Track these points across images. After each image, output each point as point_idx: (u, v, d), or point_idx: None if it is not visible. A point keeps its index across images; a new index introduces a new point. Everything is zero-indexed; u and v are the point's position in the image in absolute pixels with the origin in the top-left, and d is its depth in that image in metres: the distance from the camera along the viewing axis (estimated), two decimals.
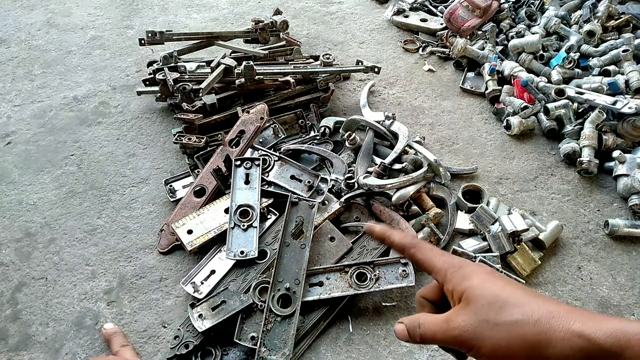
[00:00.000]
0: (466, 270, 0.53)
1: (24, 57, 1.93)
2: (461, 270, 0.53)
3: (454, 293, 0.52)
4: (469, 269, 0.53)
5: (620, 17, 1.80)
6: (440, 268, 0.55)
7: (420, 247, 0.58)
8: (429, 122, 1.63)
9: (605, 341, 0.43)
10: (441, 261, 0.55)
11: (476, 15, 1.88)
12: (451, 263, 0.54)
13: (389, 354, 1.06)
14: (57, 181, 1.44)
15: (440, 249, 0.59)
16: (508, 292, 0.49)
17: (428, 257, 0.56)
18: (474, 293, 0.50)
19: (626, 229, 1.27)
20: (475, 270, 0.53)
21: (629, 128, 1.43)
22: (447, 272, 0.54)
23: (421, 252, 0.57)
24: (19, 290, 1.19)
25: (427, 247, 0.58)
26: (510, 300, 0.48)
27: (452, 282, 0.53)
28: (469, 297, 0.50)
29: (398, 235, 0.60)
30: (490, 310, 0.48)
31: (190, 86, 1.49)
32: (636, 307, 1.15)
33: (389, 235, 0.61)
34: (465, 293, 0.51)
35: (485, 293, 0.50)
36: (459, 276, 0.52)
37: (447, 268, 0.54)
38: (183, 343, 1.03)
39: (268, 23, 1.82)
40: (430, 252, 0.57)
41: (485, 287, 0.50)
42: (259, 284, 1.10)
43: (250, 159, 1.29)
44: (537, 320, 0.46)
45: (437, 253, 0.57)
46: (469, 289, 0.51)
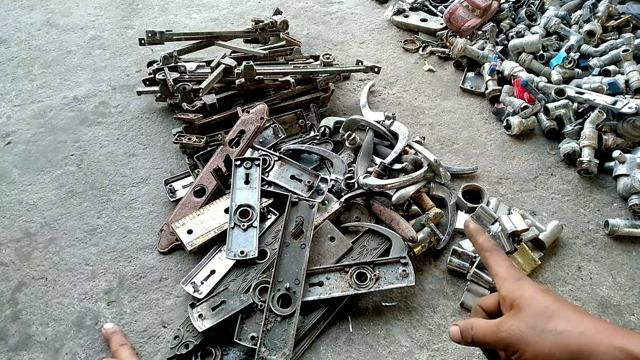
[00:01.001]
0: (523, 282, 0.58)
1: (24, 57, 1.93)
2: (519, 281, 0.59)
3: (507, 299, 0.57)
4: (526, 282, 0.59)
5: (620, 17, 1.81)
6: (502, 275, 0.60)
7: (495, 254, 0.64)
8: (429, 122, 1.63)
9: None
10: (505, 271, 0.61)
11: (476, 15, 1.89)
12: (512, 274, 0.60)
13: (389, 354, 1.06)
14: (57, 181, 1.44)
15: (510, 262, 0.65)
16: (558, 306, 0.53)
17: (497, 264, 0.63)
18: (526, 302, 0.55)
19: (626, 229, 1.27)
20: (531, 284, 0.58)
21: (629, 128, 1.43)
22: (506, 280, 0.59)
23: (493, 259, 0.64)
24: (19, 290, 1.19)
25: (500, 256, 0.64)
26: (559, 313, 0.52)
27: (508, 289, 0.58)
28: (521, 304, 0.55)
29: (483, 238, 0.67)
30: (538, 319, 0.53)
31: (190, 86, 1.49)
32: (636, 307, 1.15)
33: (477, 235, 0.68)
34: (517, 300, 0.56)
35: (536, 303, 0.54)
36: (516, 286, 0.58)
37: (507, 277, 0.60)
38: (183, 343, 1.03)
39: (268, 23, 1.82)
40: (500, 261, 0.63)
41: (537, 298, 0.55)
42: (259, 284, 1.10)
43: (250, 159, 1.29)
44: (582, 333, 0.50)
45: (506, 264, 0.63)
46: (522, 298, 0.56)
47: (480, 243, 0.66)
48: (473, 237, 0.68)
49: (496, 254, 0.64)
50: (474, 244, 0.68)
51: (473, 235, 0.68)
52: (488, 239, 0.67)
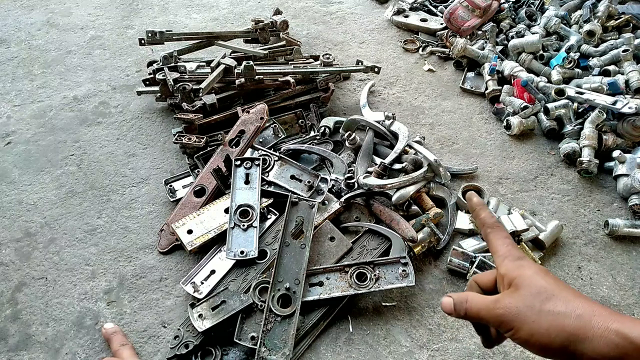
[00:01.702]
0: (523, 262, 0.58)
1: (24, 57, 1.93)
2: (519, 260, 0.58)
3: (505, 277, 0.57)
4: (526, 260, 0.58)
5: (620, 17, 1.81)
6: (502, 253, 0.60)
7: (497, 231, 0.63)
8: (429, 122, 1.63)
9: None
10: (506, 248, 0.60)
11: (476, 15, 1.89)
12: (513, 252, 0.59)
13: (389, 354, 1.06)
14: (57, 181, 1.44)
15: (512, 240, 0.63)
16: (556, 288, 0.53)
17: (497, 242, 0.62)
18: (525, 281, 0.54)
19: (626, 229, 1.27)
20: (531, 264, 0.57)
21: (629, 128, 1.43)
22: (506, 258, 0.59)
23: (494, 235, 0.63)
24: (19, 290, 1.19)
25: (502, 234, 0.63)
26: (558, 294, 0.52)
27: (507, 268, 0.57)
28: (519, 283, 0.55)
29: (485, 213, 0.66)
30: (536, 299, 0.52)
31: (190, 86, 1.49)
32: (636, 307, 1.15)
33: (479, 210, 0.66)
34: (516, 279, 0.55)
35: (535, 283, 0.54)
36: (515, 265, 0.57)
37: (508, 255, 0.59)
38: (183, 343, 1.03)
39: (268, 23, 1.82)
40: (501, 238, 0.62)
41: (536, 279, 0.54)
42: (259, 284, 1.10)
43: (250, 159, 1.29)
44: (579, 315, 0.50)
45: (507, 241, 0.61)
46: (521, 277, 0.55)
47: (483, 218, 0.65)
48: (476, 211, 0.67)
49: (498, 230, 0.63)
50: (475, 218, 0.67)
51: (476, 210, 0.67)
52: (491, 215, 0.65)
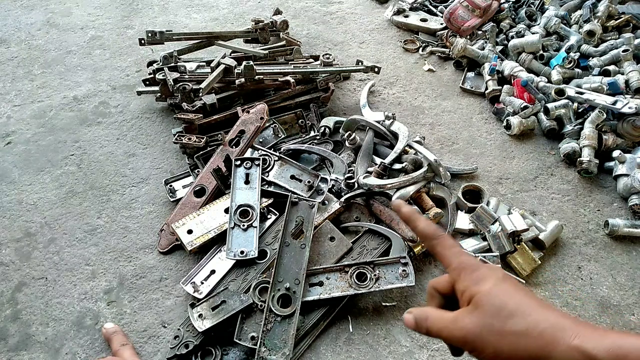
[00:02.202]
0: (479, 273, 0.54)
1: (24, 57, 1.93)
2: (474, 273, 0.54)
3: (464, 294, 0.54)
4: (482, 272, 0.54)
5: (620, 17, 1.81)
6: (455, 267, 0.56)
7: (442, 241, 0.58)
8: (429, 122, 1.63)
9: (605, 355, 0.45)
10: (458, 260, 0.56)
11: (476, 15, 1.88)
12: (467, 264, 0.56)
13: (389, 354, 1.06)
14: (57, 181, 1.44)
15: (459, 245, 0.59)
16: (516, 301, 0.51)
17: (446, 253, 0.57)
18: (483, 299, 0.52)
19: (626, 229, 1.27)
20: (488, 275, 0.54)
21: (629, 128, 1.43)
22: (461, 272, 0.55)
23: (441, 246, 0.58)
24: (19, 290, 1.19)
25: (448, 243, 0.58)
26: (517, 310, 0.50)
27: (464, 283, 0.54)
28: (478, 301, 0.52)
29: (423, 223, 0.60)
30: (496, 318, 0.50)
31: (190, 86, 1.49)
32: (636, 307, 1.15)
33: (415, 219, 0.61)
34: (475, 297, 0.52)
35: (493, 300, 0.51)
36: (472, 279, 0.54)
37: (462, 268, 0.55)
38: (183, 343, 1.03)
39: (268, 23, 1.82)
40: (449, 249, 0.58)
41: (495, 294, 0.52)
42: (259, 284, 1.10)
43: (250, 159, 1.29)
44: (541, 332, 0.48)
45: (456, 251, 0.57)
46: (479, 294, 0.52)
47: (422, 229, 0.59)
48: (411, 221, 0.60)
49: (443, 240, 0.58)
50: (413, 229, 0.61)
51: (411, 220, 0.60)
52: (429, 223, 0.60)
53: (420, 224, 0.60)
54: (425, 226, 0.60)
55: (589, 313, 1.14)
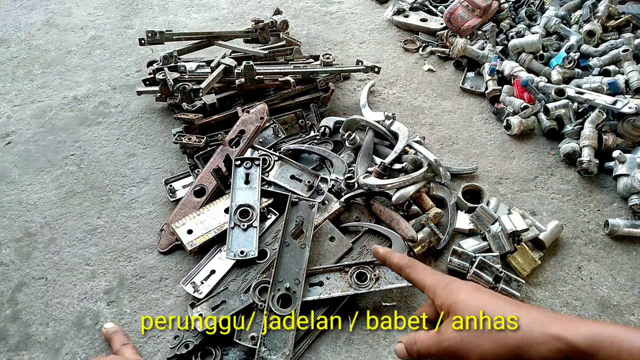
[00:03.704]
0: (453, 286, 0.58)
1: (24, 57, 1.93)
2: (448, 286, 0.59)
3: (443, 307, 0.57)
4: (456, 285, 0.59)
5: (620, 17, 1.81)
6: (430, 285, 0.61)
7: (414, 267, 0.65)
8: (429, 122, 1.63)
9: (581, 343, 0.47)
10: (431, 279, 0.61)
11: (476, 15, 1.89)
12: (440, 280, 0.60)
13: (389, 354, 1.06)
14: (57, 181, 1.44)
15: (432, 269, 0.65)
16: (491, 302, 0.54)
17: (420, 276, 0.63)
18: (460, 306, 0.55)
19: (626, 228, 1.27)
20: (462, 286, 0.58)
21: (629, 128, 1.43)
22: (436, 289, 0.60)
23: (415, 272, 0.64)
24: (19, 290, 1.19)
25: (421, 268, 0.64)
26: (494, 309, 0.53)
27: (441, 298, 0.58)
28: (456, 310, 0.55)
29: (397, 257, 0.68)
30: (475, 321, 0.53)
31: (190, 86, 1.49)
32: (636, 307, 1.15)
33: (389, 257, 0.69)
34: (452, 307, 0.56)
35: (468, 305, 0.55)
36: (447, 292, 0.58)
37: (437, 285, 0.60)
38: (183, 343, 1.03)
39: (268, 23, 1.82)
40: (422, 272, 0.63)
41: (470, 301, 0.55)
42: (259, 284, 1.10)
43: (250, 159, 1.29)
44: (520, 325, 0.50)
45: (428, 272, 0.63)
46: (455, 303, 0.56)
47: (397, 263, 0.67)
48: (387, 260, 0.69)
49: (415, 266, 0.65)
50: (390, 266, 0.69)
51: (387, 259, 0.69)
52: (402, 256, 0.68)
53: (394, 258, 0.68)
54: (400, 259, 0.67)
55: (589, 313, 1.14)
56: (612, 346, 0.45)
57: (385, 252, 0.70)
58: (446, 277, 0.61)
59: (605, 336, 0.46)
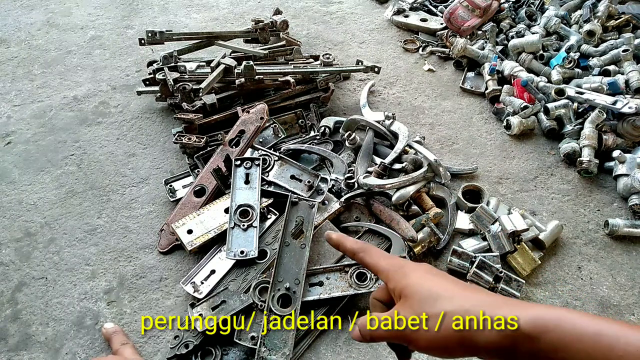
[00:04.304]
0: (405, 269, 0.58)
1: (24, 57, 1.93)
2: (401, 269, 0.58)
3: (395, 291, 0.57)
4: (408, 267, 0.58)
5: (620, 17, 1.81)
6: (383, 269, 0.60)
7: (368, 251, 0.63)
8: (429, 122, 1.63)
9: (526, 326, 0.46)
10: (385, 263, 0.60)
11: (476, 15, 1.88)
12: (393, 264, 0.59)
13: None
14: (57, 181, 1.44)
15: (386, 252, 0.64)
16: (441, 286, 0.54)
17: (374, 260, 0.62)
18: (411, 289, 0.54)
19: (626, 228, 1.27)
20: (414, 269, 0.58)
21: (629, 128, 1.43)
22: (389, 272, 0.59)
23: (369, 256, 0.63)
24: (19, 290, 1.19)
25: (374, 251, 0.63)
26: (443, 294, 0.52)
27: (394, 281, 0.57)
28: (407, 293, 0.55)
29: (350, 242, 0.66)
30: (424, 304, 0.52)
31: (190, 86, 1.49)
32: (636, 307, 1.15)
33: (342, 241, 0.67)
34: (403, 290, 0.55)
35: (420, 289, 0.54)
36: (399, 275, 0.57)
37: (389, 269, 0.59)
38: (183, 343, 1.03)
39: (268, 23, 1.82)
40: (376, 255, 0.62)
41: (421, 283, 0.55)
42: (259, 284, 1.10)
43: (250, 159, 1.29)
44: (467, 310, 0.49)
45: (382, 256, 0.62)
46: (407, 287, 0.55)
47: (350, 247, 0.66)
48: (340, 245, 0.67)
49: (368, 249, 0.64)
50: (343, 251, 0.67)
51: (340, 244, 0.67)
52: (355, 240, 0.66)
53: (347, 242, 0.66)
54: (353, 243, 0.66)
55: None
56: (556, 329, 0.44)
57: (338, 237, 0.68)
58: (400, 260, 0.61)
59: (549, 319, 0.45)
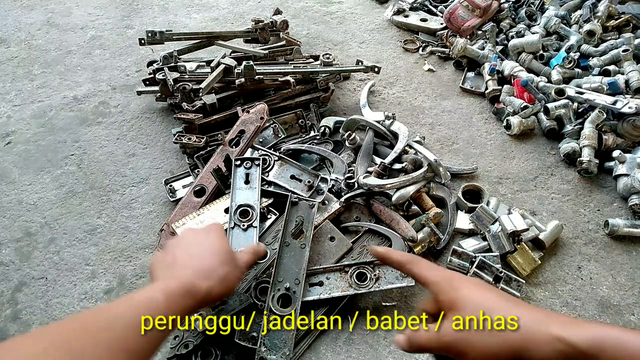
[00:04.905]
0: (455, 282, 0.59)
1: (24, 57, 1.93)
2: (452, 282, 0.59)
3: (446, 303, 0.58)
4: (458, 280, 0.59)
5: (620, 17, 1.81)
6: (432, 281, 0.61)
7: (416, 263, 0.64)
8: (429, 122, 1.63)
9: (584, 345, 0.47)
10: (434, 275, 0.61)
11: (476, 15, 1.89)
12: (443, 276, 0.60)
13: (389, 354, 1.06)
14: (57, 181, 1.44)
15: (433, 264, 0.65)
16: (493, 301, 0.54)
17: (423, 272, 0.63)
18: (463, 302, 0.55)
19: (626, 228, 1.27)
20: (465, 281, 0.59)
21: (629, 128, 1.43)
22: (439, 284, 0.60)
23: (417, 268, 0.64)
24: (19, 290, 1.19)
25: (423, 263, 0.64)
26: (495, 308, 0.53)
27: (444, 293, 0.58)
28: (458, 306, 0.55)
29: (396, 254, 0.68)
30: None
31: (190, 86, 1.49)
32: (636, 307, 1.15)
33: (389, 255, 0.68)
34: (455, 303, 0.56)
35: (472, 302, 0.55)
36: (450, 287, 0.58)
37: (439, 281, 0.60)
38: (183, 343, 1.03)
39: (268, 23, 1.82)
40: (424, 267, 0.63)
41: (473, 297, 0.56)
42: (259, 284, 1.10)
43: (250, 159, 1.29)
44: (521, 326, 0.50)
45: (431, 267, 0.63)
46: (459, 299, 0.56)
47: (397, 259, 0.67)
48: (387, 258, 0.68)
49: (416, 261, 0.65)
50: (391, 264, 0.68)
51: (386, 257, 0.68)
52: (402, 253, 0.68)
53: (394, 255, 0.68)
54: (400, 255, 0.67)
55: (589, 313, 1.14)
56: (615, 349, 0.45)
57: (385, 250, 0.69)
58: (448, 272, 0.62)
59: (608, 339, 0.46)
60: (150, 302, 0.60)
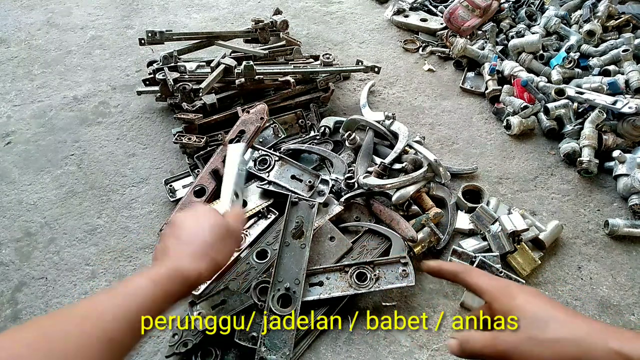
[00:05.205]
0: (511, 290, 0.59)
1: (24, 57, 1.93)
2: (507, 290, 0.59)
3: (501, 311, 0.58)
4: (514, 289, 0.59)
5: (620, 17, 1.81)
6: (487, 289, 0.61)
7: (469, 272, 0.65)
8: (429, 122, 1.63)
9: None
10: (489, 283, 0.62)
11: (476, 15, 1.89)
12: (498, 285, 0.61)
13: (389, 353, 1.06)
14: (57, 181, 1.44)
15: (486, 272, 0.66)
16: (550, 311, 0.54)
17: (478, 281, 0.63)
18: (519, 312, 0.55)
19: (626, 228, 1.27)
20: (520, 290, 0.59)
21: (629, 128, 1.43)
22: (494, 293, 0.60)
23: (471, 277, 0.64)
24: (19, 290, 1.19)
25: (476, 272, 0.65)
26: (553, 318, 0.53)
27: (499, 302, 0.59)
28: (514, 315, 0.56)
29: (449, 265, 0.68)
30: (534, 328, 0.53)
31: (190, 86, 1.49)
32: (636, 307, 1.15)
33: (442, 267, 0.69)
34: (511, 311, 0.56)
35: (529, 312, 0.55)
36: (506, 296, 0.59)
37: (494, 290, 0.60)
38: (182, 341, 1.03)
39: (268, 23, 1.82)
40: (478, 276, 0.64)
41: (529, 307, 0.56)
42: (259, 284, 1.10)
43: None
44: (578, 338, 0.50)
45: (485, 276, 0.64)
46: (514, 308, 0.56)
47: (450, 270, 0.67)
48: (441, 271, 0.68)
49: (470, 271, 0.65)
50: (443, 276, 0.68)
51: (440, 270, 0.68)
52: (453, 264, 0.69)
53: (446, 266, 0.68)
54: (453, 266, 0.68)
55: (589, 313, 1.14)
56: None
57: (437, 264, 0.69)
58: (503, 280, 0.62)
59: None
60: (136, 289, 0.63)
